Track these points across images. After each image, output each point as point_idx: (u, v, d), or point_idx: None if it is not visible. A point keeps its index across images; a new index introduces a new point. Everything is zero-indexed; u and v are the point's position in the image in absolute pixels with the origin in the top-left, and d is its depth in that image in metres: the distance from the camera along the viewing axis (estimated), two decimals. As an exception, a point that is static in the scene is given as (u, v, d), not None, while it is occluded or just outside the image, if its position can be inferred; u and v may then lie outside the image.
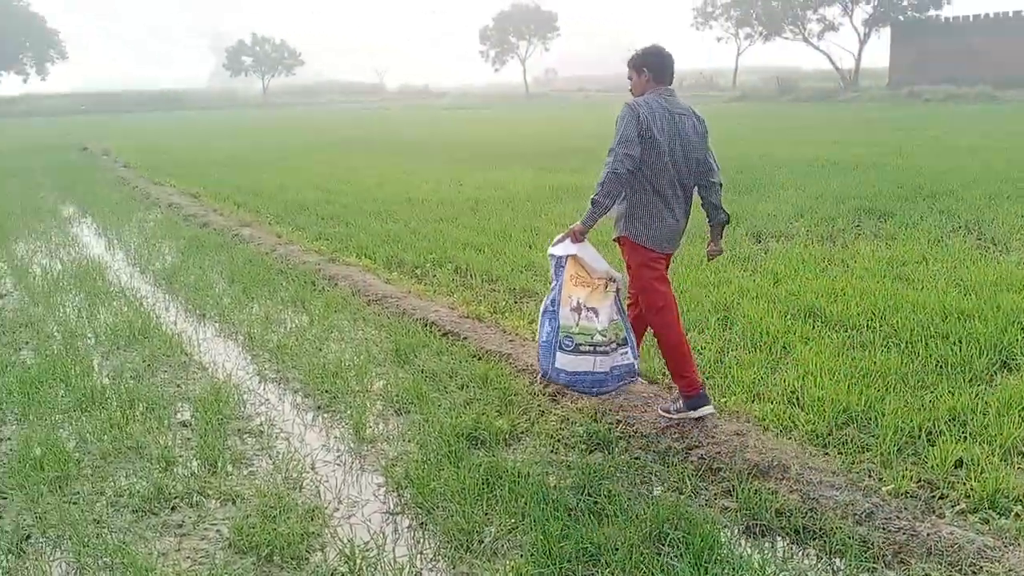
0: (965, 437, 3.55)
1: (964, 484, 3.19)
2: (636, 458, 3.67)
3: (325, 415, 4.29)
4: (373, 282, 6.85)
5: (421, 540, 3.09)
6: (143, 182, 15.03)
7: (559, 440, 3.86)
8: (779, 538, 3.04)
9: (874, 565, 2.83)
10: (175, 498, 3.40)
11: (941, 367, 4.31)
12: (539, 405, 4.25)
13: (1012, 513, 3.00)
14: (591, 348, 3.69)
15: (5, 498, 3.46)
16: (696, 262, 6.68)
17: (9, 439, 4.06)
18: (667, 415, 3.93)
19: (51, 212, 11.70)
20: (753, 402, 4.05)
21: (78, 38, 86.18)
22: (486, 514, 3.17)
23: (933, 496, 3.16)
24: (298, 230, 9.38)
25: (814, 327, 5.05)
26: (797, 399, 4.04)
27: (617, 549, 2.87)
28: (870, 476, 3.31)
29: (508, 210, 10.01)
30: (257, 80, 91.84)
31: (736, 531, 3.10)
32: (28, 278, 7.44)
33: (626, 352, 3.79)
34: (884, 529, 2.96)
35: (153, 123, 44.54)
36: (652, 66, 3.85)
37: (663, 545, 2.93)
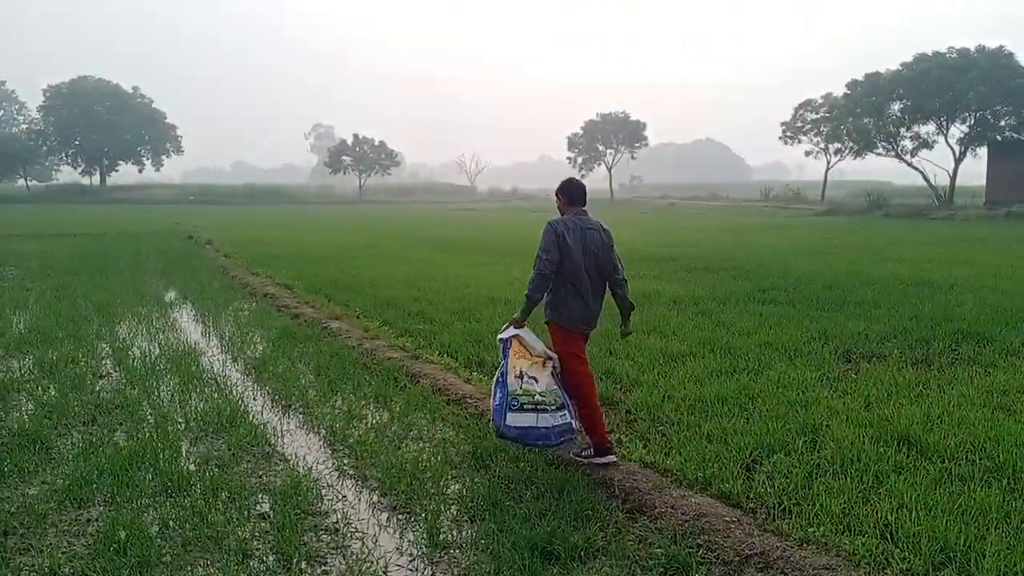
0: (1080, 591, 3.28)
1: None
2: (716, 587, 3.52)
3: (400, 516, 4.29)
4: (454, 382, 6.92)
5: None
6: (242, 272, 15.74)
7: (636, 562, 3.74)
8: None
9: None
10: (249, 592, 3.42)
11: (1050, 509, 4.03)
12: (616, 521, 4.14)
13: None
14: (533, 407, 4.71)
15: (89, 579, 3.54)
16: (784, 381, 6.52)
17: (96, 520, 4.19)
18: (579, 459, 4.95)
19: (155, 297, 12.33)
20: (843, 534, 3.85)
21: (185, 128, 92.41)
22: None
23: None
24: (384, 325, 9.60)
25: (909, 456, 4.82)
26: (891, 533, 3.82)
27: None
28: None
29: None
30: (355, 178, 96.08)
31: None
32: (128, 360, 7.79)
33: (564, 414, 4.79)
34: None
35: (255, 215, 46.96)
36: (567, 194, 5.23)
37: None
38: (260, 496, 4.50)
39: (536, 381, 4.78)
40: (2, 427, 5.62)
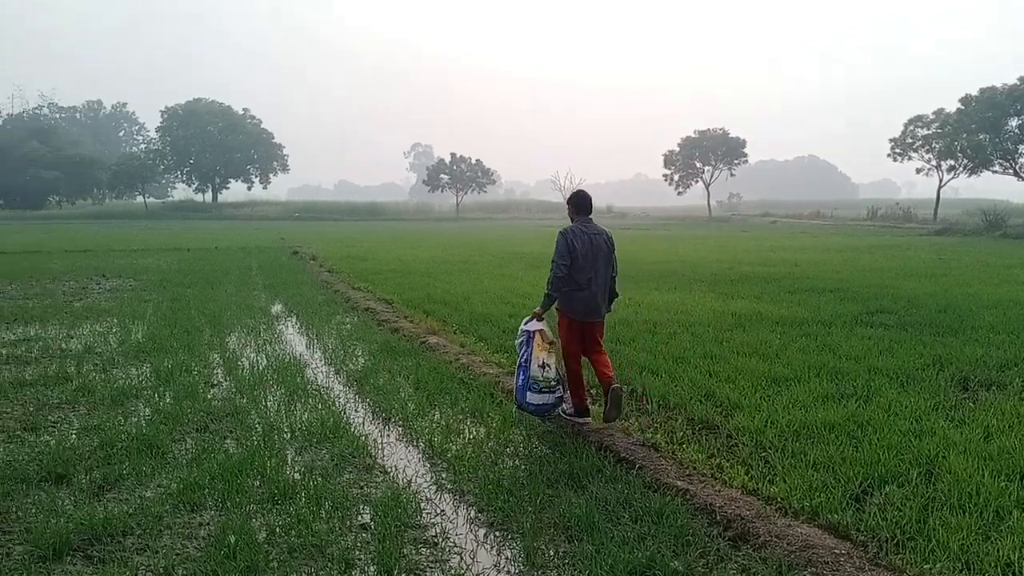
0: None
1: None
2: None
3: (497, 533, 4.30)
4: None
5: None
6: (344, 286, 16.21)
7: (739, 591, 3.63)
8: None
9: None
10: (351, 602, 3.48)
11: None
12: (718, 549, 4.04)
13: None
14: (548, 389, 6.04)
15: (201, 581, 3.69)
16: (895, 409, 6.24)
17: (208, 524, 4.37)
18: (563, 416, 6.25)
19: (262, 310, 12.83)
20: (961, 572, 3.64)
21: (291, 147, 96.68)
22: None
23: None
24: (480, 341, 9.69)
25: (1034, 493, 4.52)
26: (1014, 573, 3.58)
27: None
28: None
29: (687, 334, 9.86)
30: (452, 195, 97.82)
31: None
32: (237, 370, 8.12)
33: (559, 389, 6.16)
34: None
35: (356, 232, 48.35)
36: (574, 205, 6.33)
37: None
38: (362, 507, 4.60)
39: (550, 368, 6.05)
40: (121, 431, 5.92)
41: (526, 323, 6.18)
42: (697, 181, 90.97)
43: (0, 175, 79.66)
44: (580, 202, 6.30)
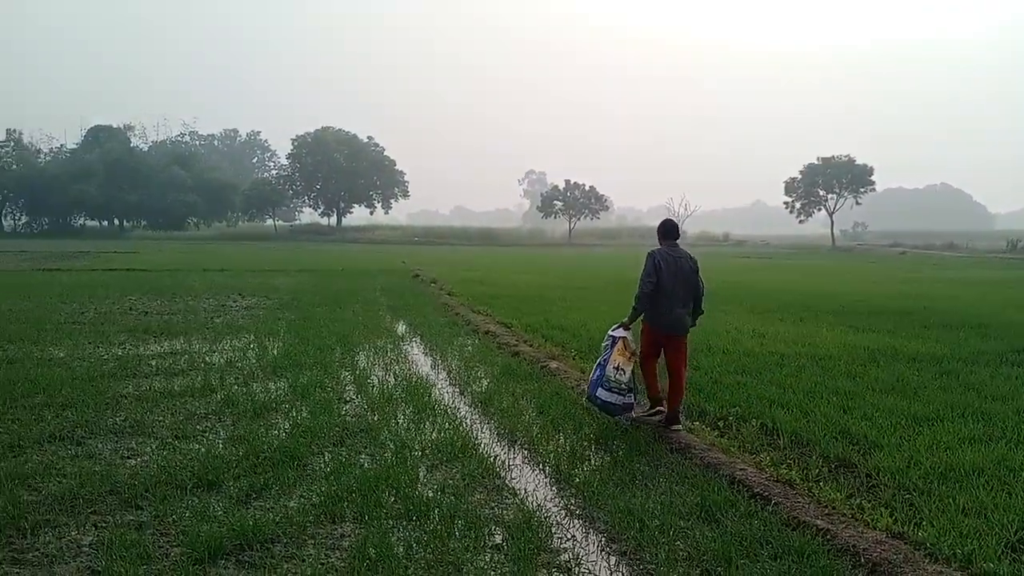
0: None
1: None
2: None
3: (630, 562, 4.27)
4: (675, 430, 6.81)
5: None
6: (464, 309, 16.53)
7: (889, 638, 3.47)
8: None
9: None
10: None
11: None
12: (864, 593, 3.87)
13: None
14: (618, 391, 6.84)
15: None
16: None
17: (348, 536, 4.54)
18: (636, 419, 7.01)
19: (387, 330, 13.24)
20: None
21: (411, 174, 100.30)
22: None
23: None
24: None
25: None
26: None
27: None
28: None
29: (816, 368, 9.52)
30: (564, 221, 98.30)
31: None
32: (367, 388, 8.41)
33: (630, 397, 6.92)
34: None
35: (472, 256, 49.29)
36: (662, 232, 7.19)
37: None
38: (494, 527, 4.67)
39: (624, 372, 6.83)
40: (264, 442, 6.23)
41: (613, 330, 7.10)
42: (820, 209, 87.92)
43: (145, 197, 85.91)
44: (667, 229, 7.20)
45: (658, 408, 7.02)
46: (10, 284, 20.88)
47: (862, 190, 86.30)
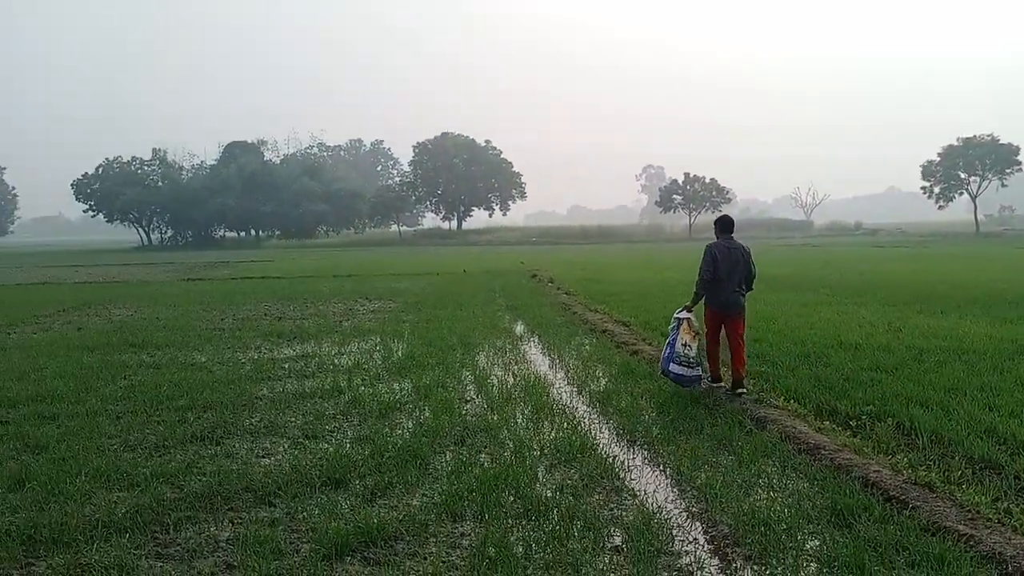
0: None
1: None
2: None
3: (755, 567, 4.13)
4: (803, 430, 6.54)
5: None
6: (581, 308, 16.49)
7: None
8: None
9: None
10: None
11: None
12: (1014, 606, 3.59)
13: None
14: (687, 364, 7.83)
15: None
16: None
17: (468, 535, 4.60)
18: (703, 386, 8.12)
19: (506, 330, 13.37)
20: None
21: (528, 175, 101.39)
22: None
23: None
24: (723, 367, 9.38)
25: None
26: None
27: None
28: None
29: (959, 363, 8.92)
30: (684, 216, 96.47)
31: None
32: (487, 387, 8.52)
33: (698, 370, 7.95)
34: None
35: (589, 255, 49.15)
36: (719, 226, 8.35)
37: None
38: (613, 529, 4.62)
39: (691, 348, 7.88)
40: (389, 442, 6.41)
41: (678, 312, 8.18)
42: (961, 193, 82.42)
43: (277, 207, 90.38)
44: (724, 224, 8.36)
45: (720, 384, 8.23)
46: (158, 294, 22.45)
47: (1008, 171, 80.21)
